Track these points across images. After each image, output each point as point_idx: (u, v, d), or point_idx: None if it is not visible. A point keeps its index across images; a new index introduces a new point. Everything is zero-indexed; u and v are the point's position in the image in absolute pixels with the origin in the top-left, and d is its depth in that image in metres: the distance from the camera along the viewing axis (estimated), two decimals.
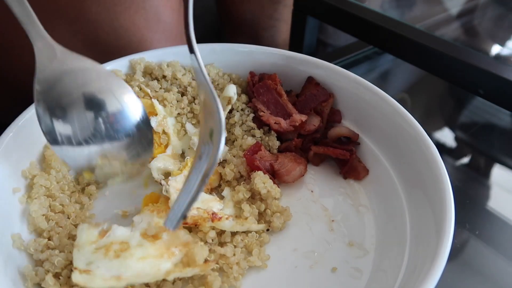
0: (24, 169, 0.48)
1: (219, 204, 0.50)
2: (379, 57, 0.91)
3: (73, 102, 0.40)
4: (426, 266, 0.38)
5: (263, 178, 0.50)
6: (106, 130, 0.41)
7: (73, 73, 0.40)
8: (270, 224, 0.49)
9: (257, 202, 0.50)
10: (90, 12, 0.64)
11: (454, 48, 0.63)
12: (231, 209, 0.50)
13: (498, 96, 0.61)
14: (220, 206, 0.49)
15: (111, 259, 0.41)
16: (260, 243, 0.48)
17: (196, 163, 0.40)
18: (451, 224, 0.40)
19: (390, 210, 0.50)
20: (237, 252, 0.46)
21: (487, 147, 0.74)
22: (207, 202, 0.49)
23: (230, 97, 0.58)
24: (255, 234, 0.48)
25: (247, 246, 0.47)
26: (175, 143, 0.56)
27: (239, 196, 0.50)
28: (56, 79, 0.40)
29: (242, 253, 0.46)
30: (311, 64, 0.60)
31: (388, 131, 0.54)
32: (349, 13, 0.73)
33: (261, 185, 0.50)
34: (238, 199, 0.50)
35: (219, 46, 0.62)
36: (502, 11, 1.11)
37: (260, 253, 0.46)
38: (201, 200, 0.49)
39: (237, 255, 0.45)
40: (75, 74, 0.41)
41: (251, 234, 0.48)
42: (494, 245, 0.55)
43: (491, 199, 0.62)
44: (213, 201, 0.50)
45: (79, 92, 0.40)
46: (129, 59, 0.59)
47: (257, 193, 0.50)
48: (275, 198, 0.50)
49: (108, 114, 0.41)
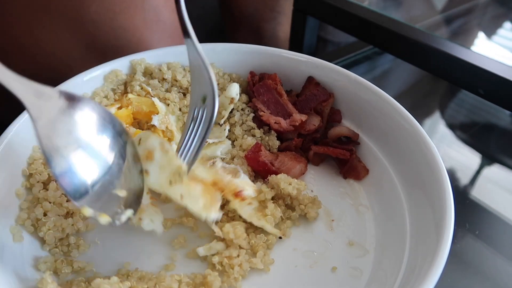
0: (24, 168, 0.48)
1: (252, 191, 0.49)
2: (379, 57, 0.92)
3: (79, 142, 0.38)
4: (426, 265, 0.38)
5: (286, 179, 0.50)
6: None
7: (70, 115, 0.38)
8: (306, 215, 0.50)
9: (280, 206, 0.50)
10: (89, 12, 0.64)
11: (454, 48, 0.63)
12: (256, 202, 0.50)
13: (498, 96, 0.61)
14: (251, 193, 0.49)
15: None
16: (268, 245, 0.47)
17: (191, 124, 0.44)
18: (451, 224, 0.40)
19: (390, 210, 0.50)
20: (241, 253, 0.45)
21: (487, 147, 0.74)
22: (243, 183, 0.49)
23: (233, 97, 0.58)
24: (263, 236, 0.47)
25: (253, 247, 0.47)
26: (179, 139, 0.56)
27: (261, 197, 0.49)
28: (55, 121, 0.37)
29: (247, 254, 0.46)
30: (311, 64, 0.60)
31: (388, 131, 0.54)
32: (349, 13, 0.73)
33: (289, 187, 0.49)
34: (262, 198, 0.50)
35: (219, 46, 0.62)
36: (502, 11, 1.11)
37: (264, 256, 0.46)
38: (241, 179, 0.49)
39: (241, 256, 0.45)
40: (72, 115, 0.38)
41: (259, 236, 0.47)
42: (494, 245, 0.55)
43: (491, 199, 0.62)
44: (248, 186, 0.49)
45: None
46: (129, 60, 0.60)
47: (286, 195, 0.50)
48: (304, 190, 0.51)
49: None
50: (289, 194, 0.50)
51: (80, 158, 0.38)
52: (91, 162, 0.39)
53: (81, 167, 0.38)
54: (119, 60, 0.59)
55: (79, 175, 0.37)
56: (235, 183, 0.49)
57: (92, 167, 0.39)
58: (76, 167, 0.37)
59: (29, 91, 0.34)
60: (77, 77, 0.56)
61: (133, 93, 0.58)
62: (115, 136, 0.41)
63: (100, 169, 0.39)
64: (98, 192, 0.39)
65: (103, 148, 0.40)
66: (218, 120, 0.58)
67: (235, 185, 0.48)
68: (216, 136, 0.58)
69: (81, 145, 0.38)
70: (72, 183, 0.37)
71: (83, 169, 0.38)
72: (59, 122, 0.36)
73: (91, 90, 0.57)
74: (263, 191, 0.49)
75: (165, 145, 0.43)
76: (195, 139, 0.46)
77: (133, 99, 0.57)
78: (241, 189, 0.48)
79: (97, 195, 0.38)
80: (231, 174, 0.49)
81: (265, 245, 0.47)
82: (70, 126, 0.37)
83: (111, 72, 0.58)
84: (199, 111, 0.45)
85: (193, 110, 0.45)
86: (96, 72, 0.57)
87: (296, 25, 0.84)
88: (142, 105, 0.57)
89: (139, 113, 0.58)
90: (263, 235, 0.48)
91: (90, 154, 0.39)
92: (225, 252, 0.45)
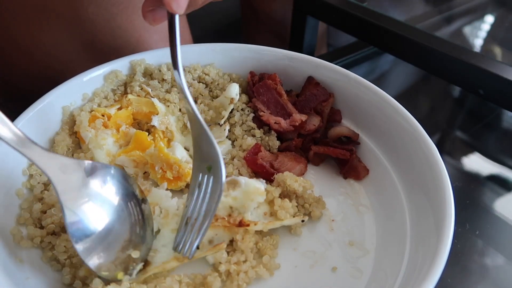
0: (24, 168, 0.48)
1: (261, 196, 0.48)
2: (379, 57, 0.91)
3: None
4: (426, 265, 0.38)
5: (292, 177, 0.50)
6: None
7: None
8: (310, 214, 0.50)
9: (291, 201, 0.50)
10: (87, 13, 0.64)
11: (454, 48, 0.63)
12: (266, 206, 0.49)
13: (498, 96, 0.61)
14: (262, 199, 0.48)
15: None
16: (273, 246, 0.47)
17: (195, 191, 0.44)
18: (451, 224, 0.40)
19: (390, 210, 0.50)
20: (249, 258, 0.45)
21: (487, 147, 0.74)
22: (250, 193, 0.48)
23: (233, 97, 0.58)
24: (269, 238, 0.47)
25: (260, 250, 0.47)
26: (179, 139, 0.57)
27: (269, 197, 0.49)
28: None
29: (254, 259, 0.46)
30: (311, 64, 0.60)
31: (388, 131, 0.54)
32: (349, 13, 0.73)
33: (296, 184, 0.50)
34: (271, 198, 0.49)
35: (219, 46, 0.62)
36: (502, 11, 1.11)
37: (270, 260, 0.46)
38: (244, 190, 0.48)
39: (249, 260, 0.45)
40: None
41: (265, 238, 0.47)
42: (494, 245, 0.55)
43: (491, 199, 0.62)
44: (256, 194, 0.48)
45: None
46: (129, 60, 0.60)
47: (292, 192, 0.50)
48: (309, 189, 0.51)
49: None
50: (295, 191, 0.50)
51: (99, 226, 0.41)
52: (109, 229, 0.42)
53: (99, 237, 0.41)
54: (119, 61, 0.59)
55: (96, 244, 0.41)
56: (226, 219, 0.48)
57: (109, 233, 0.42)
58: (94, 239, 0.40)
59: (55, 166, 0.39)
60: (77, 78, 0.56)
61: (133, 93, 0.58)
62: (131, 199, 0.44)
63: (117, 233, 0.42)
64: (114, 255, 0.42)
65: (120, 213, 0.43)
66: (218, 120, 0.58)
67: (228, 220, 0.47)
68: (216, 136, 0.58)
69: (100, 214, 0.41)
70: (89, 250, 0.40)
71: (101, 238, 0.41)
72: (80, 193, 0.40)
73: (91, 91, 0.57)
74: (269, 191, 0.49)
75: None
76: (204, 216, 0.44)
77: (133, 99, 0.57)
78: (237, 218, 0.47)
79: (114, 257, 0.42)
80: (229, 187, 0.48)
81: (272, 247, 0.47)
82: (90, 195, 0.41)
83: (111, 72, 0.58)
84: (203, 178, 0.45)
85: (198, 176, 0.45)
86: (96, 72, 0.57)
87: (296, 25, 0.84)
88: (142, 106, 0.57)
89: (139, 114, 0.57)
90: (269, 237, 0.48)
91: (107, 220, 0.42)
92: (233, 258, 0.44)
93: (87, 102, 0.57)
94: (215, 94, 0.61)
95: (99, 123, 0.54)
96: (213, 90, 0.62)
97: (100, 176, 0.42)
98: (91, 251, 0.40)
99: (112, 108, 0.57)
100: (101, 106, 0.57)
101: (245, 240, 0.46)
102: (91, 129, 0.53)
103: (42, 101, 0.52)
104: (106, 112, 0.56)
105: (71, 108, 0.56)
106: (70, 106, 0.56)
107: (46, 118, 0.53)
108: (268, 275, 0.45)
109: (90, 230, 0.40)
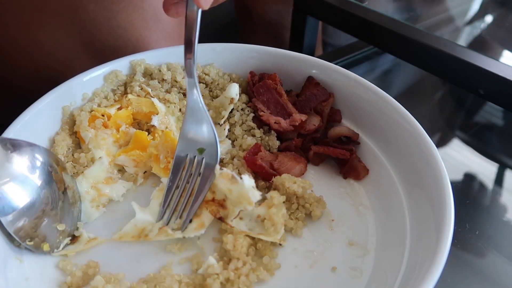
0: None
1: (249, 205, 0.47)
2: (379, 57, 0.91)
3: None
4: (426, 265, 0.38)
5: (290, 179, 0.50)
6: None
7: None
8: (310, 213, 0.50)
9: (292, 204, 0.50)
10: (87, 11, 0.64)
11: (454, 48, 0.63)
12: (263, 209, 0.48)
13: (498, 96, 0.61)
14: (249, 208, 0.47)
15: None
16: (273, 246, 0.47)
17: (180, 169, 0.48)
18: (451, 224, 0.40)
19: (390, 210, 0.50)
20: (248, 261, 0.45)
21: (487, 147, 0.74)
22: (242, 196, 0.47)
23: (232, 97, 0.58)
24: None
25: (260, 251, 0.47)
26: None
27: (274, 202, 0.48)
28: None
29: (254, 261, 0.45)
30: (311, 64, 0.60)
31: (388, 130, 0.54)
32: (349, 13, 0.73)
33: (295, 186, 0.49)
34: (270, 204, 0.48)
35: (219, 46, 0.62)
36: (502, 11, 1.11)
37: (270, 261, 0.45)
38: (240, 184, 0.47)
39: (248, 263, 0.44)
40: None
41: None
42: (494, 245, 0.55)
43: (491, 199, 0.62)
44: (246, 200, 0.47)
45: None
46: (129, 60, 0.60)
47: (292, 194, 0.50)
48: (309, 189, 0.51)
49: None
50: (295, 193, 0.50)
51: (22, 200, 0.44)
52: (25, 196, 0.44)
53: (23, 210, 0.44)
54: (119, 61, 0.59)
55: (12, 204, 0.43)
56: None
57: (32, 207, 0.44)
58: (18, 212, 0.43)
59: None
60: (77, 78, 0.56)
61: (133, 93, 0.58)
62: (50, 175, 0.47)
63: (40, 206, 0.45)
64: (35, 224, 0.44)
65: (44, 187, 0.46)
66: (218, 120, 0.58)
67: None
68: None
69: (23, 189, 0.44)
70: (12, 222, 0.43)
71: (25, 211, 0.44)
72: (3, 168, 0.43)
73: (91, 91, 0.57)
74: (274, 197, 0.48)
75: None
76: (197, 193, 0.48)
77: (133, 99, 0.57)
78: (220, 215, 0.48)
79: (37, 229, 0.44)
80: (229, 181, 0.48)
81: (272, 247, 0.47)
82: (12, 170, 0.44)
83: (111, 72, 0.58)
84: (193, 158, 0.49)
85: (185, 157, 0.49)
86: (96, 72, 0.57)
87: (296, 25, 0.84)
88: (142, 106, 0.57)
89: (139, 114, 0.58)
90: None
91: (25, 190, 0.44)
92: (231, 265, 0.44)
93: (87, 102, 0.57)
94: (215, 94, 0.61)
95: (99, 123, 0.54)
96: (213, 90, 0.62)
97: (23, 153, 0.45)
98: (15, 223, 0.43)
99: (112, 108, 0.57)
100: (101, 106, 0.57)
101: (236, 248, 0.45)
102: (91, 129, 0.54)
103: (42, 101, 0.52)
104: (106, 112, 0.56)
105: (71, 108, 0.56)
106: (70, 106, 0.56)
107: (46, 118, 0.53)
108: (269, 277, 0.44)
109: (14, 204, 0.43)
